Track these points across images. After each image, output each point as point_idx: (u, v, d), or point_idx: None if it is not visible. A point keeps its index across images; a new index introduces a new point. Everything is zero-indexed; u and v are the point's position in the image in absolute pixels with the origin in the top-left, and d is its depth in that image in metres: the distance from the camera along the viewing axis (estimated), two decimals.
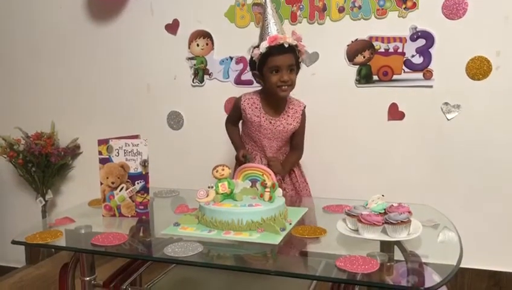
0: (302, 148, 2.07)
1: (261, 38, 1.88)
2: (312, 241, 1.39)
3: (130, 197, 1.63)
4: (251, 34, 2.42)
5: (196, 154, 2.64)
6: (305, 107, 2.01)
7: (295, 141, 2.04)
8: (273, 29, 1.86)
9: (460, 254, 1.26)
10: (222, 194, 1.50)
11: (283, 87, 1.87)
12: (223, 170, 1.52)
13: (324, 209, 1.70)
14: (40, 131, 2.81)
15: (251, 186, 1.61)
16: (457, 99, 2.22)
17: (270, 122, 1.96)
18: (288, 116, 1.97)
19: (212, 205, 1.47)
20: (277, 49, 1.83)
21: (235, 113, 2.08)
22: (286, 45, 1.83)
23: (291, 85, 1.89)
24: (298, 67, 1.92)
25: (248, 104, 1.99)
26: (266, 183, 1.52)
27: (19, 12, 2.90)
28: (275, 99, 1.96)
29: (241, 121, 2.09)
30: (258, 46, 1.88)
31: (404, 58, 2.25)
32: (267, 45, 1.83)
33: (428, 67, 2.22)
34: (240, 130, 2.12)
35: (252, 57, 1.92)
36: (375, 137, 2.35)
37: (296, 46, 1.86)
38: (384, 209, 1.37)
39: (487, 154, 2.21)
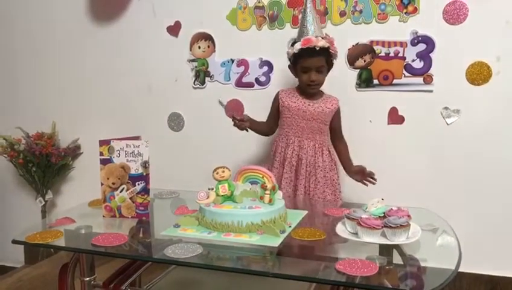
0: (343, 137, 2.22)
1: (299, 35, 2.02)
2: (311, 244, 1.40)
3: (131, 198, 1.64)
4: (252, 37, 2.44)
5: (196, 156, 2.64)
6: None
7: (337, 131, 2.19)
8: (310, 29, 1.99)
9: (459, 258, 1.27)
10: (222, 196, 1.51)
11: (311, 86, 2.05)
12: (223, 171, 1.53)
13: (324, 213, 1.70)
14: (41, 131, 2.82)
15: (251, 189, 1.62)
16: (457, 104, 2.23)
17: (309, 105, 2.09)
18: (326, 102, 2.12)
19: (212, 207, 1.48)
20: (308, 51, 1.97)
21: (271, 115, 2.19)
22: (317, 48, 1.96)
23: (319, 84, 2.07)
24: (330, 66, 2.09)
25: (285, 94, 2.14)
26: (266, 186, 1.53)
27: (21, 13, 2.90)
28: (309, 92, 2.10)
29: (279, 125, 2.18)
30: (295, 43, 2.02)
31: (405, 63, 2.26)
32: (300, 47, 1.97)
33: (429, 72, 2.23)
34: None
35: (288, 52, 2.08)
36: (375, 141, 2.35)
37: (328, 48, 1.99)
38: (384, 213, 1.38)
39: (486, 159, 2.21)
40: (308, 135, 2.09)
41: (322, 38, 1.99)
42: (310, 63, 2.01)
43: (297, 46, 1.98)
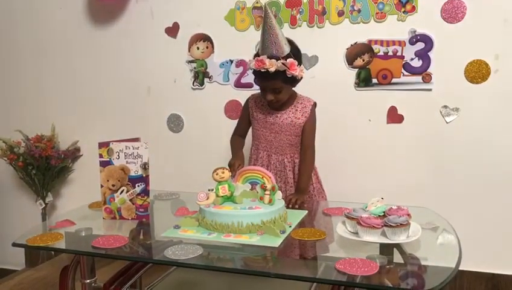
0: (311, 150, 1.99)
1: (261, 47, 1.82)
2: (312, 243, 1.40)
3: (131, 200, 1.64)
4: (251, 37, 2.44)
5: (196, 157, 2.64)
6: (315, 105, 2.00)
7: (303, 143, 1.98)
8: (268, 47, 1.77)
9: (459, 257, 1.26)
10: (222, 196, 1.51)
11: (270, 104, 1.92)
12: (223, 172, 1.53)
13: (324, 212, 1.71)
14: (41, 134, 2.82)
15: (251, 189, 1.62)
16: (456, 103, 2.23)
17: (277, 117, 1.95)
18: (296, 110, 1.95)
19: (212, 208, 1.47)
20: (261, 73, 1.80)
21: (242, 120, 2.07)
22: (271, 71, 1.77)
23: (279, 102, 1.90)
24: (294, 82, 1.88)
25: (255, 102, 2.02)
26: (266, 186, 1.53)
27: (21, 16, 2.91)
28: (272, 107, 1.96)
29: (251, 131, 2.05)
30: (257, 54, 1.85)
31: (403, 62, 2.26)
32: (253, 68, 1.83)
33: (428, 70, 2.23)
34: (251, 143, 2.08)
35: None
36: (374, 140, 2.36)
37: (285, 71, 1.78)
38: (384, 212, 1.38)
39: (486, 157, 2.22)
40: (276, 149, 1.97)
41: (280, 59, 1.76)
42: (264, 85, 1.87)
43: (252, 65, 1.83)
